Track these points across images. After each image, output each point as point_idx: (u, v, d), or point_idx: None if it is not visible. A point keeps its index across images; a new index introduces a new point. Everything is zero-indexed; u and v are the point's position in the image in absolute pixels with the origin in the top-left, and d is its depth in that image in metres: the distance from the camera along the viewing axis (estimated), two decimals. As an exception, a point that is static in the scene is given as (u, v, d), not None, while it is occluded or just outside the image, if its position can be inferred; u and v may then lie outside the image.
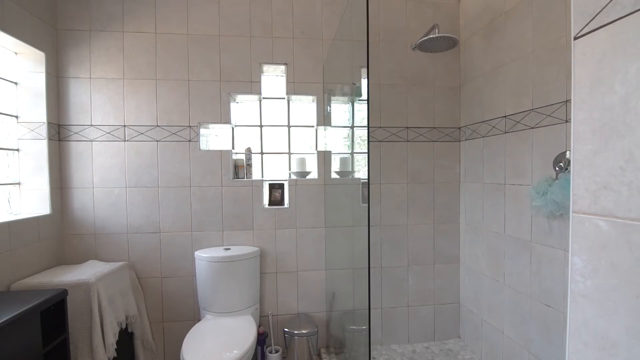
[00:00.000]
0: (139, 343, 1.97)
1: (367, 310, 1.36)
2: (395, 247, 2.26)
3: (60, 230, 1.98)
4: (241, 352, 1.56)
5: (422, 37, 1.93)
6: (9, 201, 1.83)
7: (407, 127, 2.25)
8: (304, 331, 2.00)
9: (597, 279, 0.52)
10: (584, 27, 0.54)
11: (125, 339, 1.88)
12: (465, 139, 2.22)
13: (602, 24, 0.51)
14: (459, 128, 2.28)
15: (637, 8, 0.45)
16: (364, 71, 1.93)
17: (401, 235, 2.26)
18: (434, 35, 1.86)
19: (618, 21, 0.48)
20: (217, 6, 2.07)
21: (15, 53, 1.84)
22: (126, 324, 1.85)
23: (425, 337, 2.31)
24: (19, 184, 1.87)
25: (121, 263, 1.94)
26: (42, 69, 1.87)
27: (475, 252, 2.13)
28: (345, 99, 2.10)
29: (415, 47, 2.00)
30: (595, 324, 0.53)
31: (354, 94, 2.15)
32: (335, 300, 2.19)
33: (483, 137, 2.02)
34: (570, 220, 0.56)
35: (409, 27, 2.22)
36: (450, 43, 1.90)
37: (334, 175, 2.18)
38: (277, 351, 2.08)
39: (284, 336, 2.05)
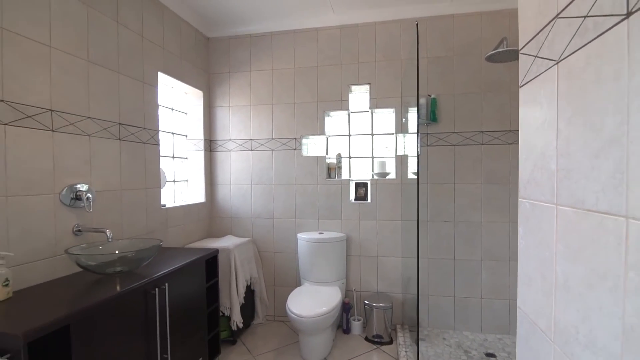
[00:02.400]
0: (258, 298, 2.68)
1: (417, 296, 1.70)
2: (468, 242, 2.46)
3: (210, 213, 2.85)
4: (328, 309, 2.08)
5: (491, 50, 2.12)
6: (180, 193, 2.75)
7: (482, 132, 2.43)
8: (381, 304, 2.40)
9: (526, 240, 0.84)
10: (523, 79, 0.87)
11: (249, 294, 2.60)
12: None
13: (527, 81, 0.84)
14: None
15: (540, 72, 0.77)
16: (436, 84, 2.25)
17: (475, 231, 2.45)
18: (502, 49, 2.05)
19: (534, 80, 0.81)
20: (315, 44, 2.65)
21: (186, 93, 2.76)
22: (250, 283, 2.57)
23: (499, 329, 2.43)
24: (186, 181, 2.79)
25: (248, 238, 2.68)
26: (201, 102, 2.75)
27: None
28: (419, 109, 2.42)
29: (486, 59, 2.20)
30: (524, 265, 0.86)
31: (430, 103, 2.46)
32: (410, 284, 2.52)
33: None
34: (519, 203, 0.89)
35: (483, 38, 2.41)
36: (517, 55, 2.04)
37: (410, 176, 2.52)
38: (359, 320, 2.54)
39: (364, 308, 2.49)
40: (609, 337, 0.52)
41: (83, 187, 1.62)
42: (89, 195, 1.62)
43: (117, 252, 1.55)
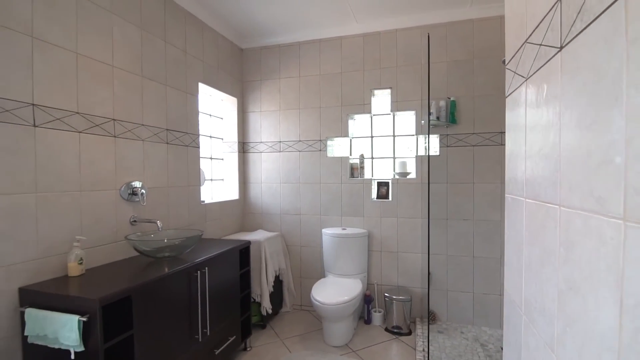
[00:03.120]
0: (285, 288, 2.89)
1: (427, 286, 1.82)
2: (487, 240, 2.53)
3: (243, 209, 3.11)
4: (349, 298, 2.25)
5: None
6: (214, 190, 3.03)
7: (502, 132, 2.48)
8: (401, 297, 2.53)
9: (509, 230, 0.97)
10: (507, 90, 1.00)
11: (278, 284, 2.82)
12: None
13: (509, 92, 0.97)
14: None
15: (517, 86, 0.91)
16: (453, 87, 2.35)
17: (494, 230, 2.51)
18: (518, 52, 2.11)
19: (514, 92, 0.95)
20: (339, 51, 2.83)
21: (222, 100, 3.03)
22: (279, 273, 2.79)
23: (519, 326, 2.47)
24: (222, 179, 3.06)
25: (277, 233, 2.90)
26: (235, 108, 3.01)
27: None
28: (438, 111, 2.53)
29: (504, 62, 2.26)
30: (508, 252, 1.00)
31: (449, 105, 2.56)
32: (431, 279, 2.63)
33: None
34: (505, 198, 1.02)
35: (502, 41, 2.46)
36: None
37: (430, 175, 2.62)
38: (379, 312, 2.68)
39: (385, 300, 2.63)
40: (551, 301, 0.66)
41: (138, 184, 1.91)
42: (143, 191, 1.91)
43: (165, 240, 1.81)
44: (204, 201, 2.57)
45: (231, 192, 3.04)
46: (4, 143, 1.32)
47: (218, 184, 3.01)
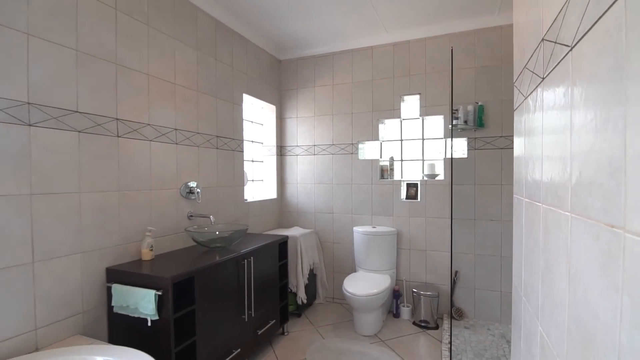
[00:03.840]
0: (319, 282, 3.12)
1: (451, 282, 1.95)
2: (515, 241, 2.59)
3: (280, 208, 3.37)
4: (379, 290, 2.42)
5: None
6: (254, 190, 3.32)
7: (530, 136, 2.54)
8: (428, 293, 2.66)
9: (515, 227, 1.12)
10: (515, 105, 1.15)
11: (312, 278, 3.05)
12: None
13: (516, 107, 1.14)
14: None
15: (519, 103, 1.06)
16: (483, 92, 2.45)
17: (522, 230, 2.57)
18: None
19: (518, 108, 1.11)
20: (370, 60, 3.01)
21: (262, 107, 3.31)
22: (313, 267, 3.02)
23: (547, 325, 2.52)
24: (262, 180, 3.35)
25: (311, 230, 3.13)
26: (274, 115, 3.29)
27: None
28: (466, 115, 2.63)
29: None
30: (515, 247, 1.16)
31: (477, 110, 2.66)
32: (458, 277, 2.74)
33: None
34: (513, 199, 1.17)
35: (532, 47, 2.52)
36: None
37: (458, 178, 2.73)
38: (408, 306, 2.83)
39: (413, 296, 2.77)
40: (536, 281, 0.82)
41: (194, 184, 2.22)
42: (198, 190, 2.21)
43: (217, 232, 2.10)
44: (247, 200, 2.86)
45: (270, 192, 3.32)
46: (97, 151, 1.65)
47: (258, 184, 3.30)
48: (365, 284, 2.54)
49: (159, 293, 1.53)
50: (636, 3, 0.37)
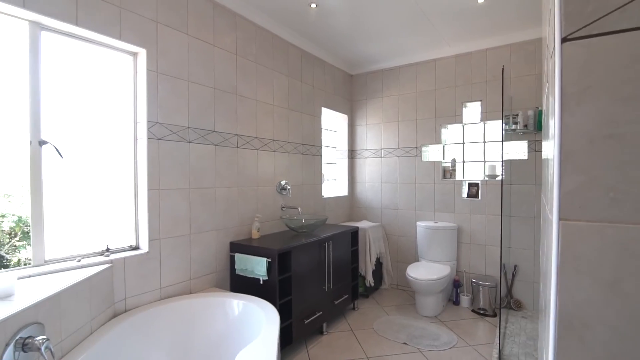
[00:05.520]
0: (385, 269, 3.54)
1: (500, 274, 2.22)
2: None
3: (351, 204, 3.87)
4: (439, 277, 2.77)
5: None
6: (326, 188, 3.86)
7: (593, 138, 2.64)
8: (487, 283, 2.92)
9: (543, 218, 1.45)
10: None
11: (378, 266, 3.48)
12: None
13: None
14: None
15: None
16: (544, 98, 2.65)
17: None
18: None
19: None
20: (434, 72, 3.33)
21: (336, 117, 3.84)
22: (379, 256, 3.46)
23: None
24: (335, 180, 3.88)
25: (378, 223, 3.57)
26: (346, 122, 3.79)
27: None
28: (526, 120, 2.82)
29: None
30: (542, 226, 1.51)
31: (537, 114, 2.84)
32: (517, 271, 2.94)
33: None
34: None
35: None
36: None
37: (517, 178, 2.92)
38: (467, 296, 3.10)
39: (472, 286, 3.04)
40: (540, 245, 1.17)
41: (285, 182, 2.82)
42: (288, 187, 2.81)
43: (304, 220, 2.66)
44: (324, 196, 3.41)
45: (342, 190, 3.83)
46: (225, 158, 2.31)
47: (333, 183, 3.84)
48: (427, 271, 2.90)
49: (269, 260, 2.12)
50: None
